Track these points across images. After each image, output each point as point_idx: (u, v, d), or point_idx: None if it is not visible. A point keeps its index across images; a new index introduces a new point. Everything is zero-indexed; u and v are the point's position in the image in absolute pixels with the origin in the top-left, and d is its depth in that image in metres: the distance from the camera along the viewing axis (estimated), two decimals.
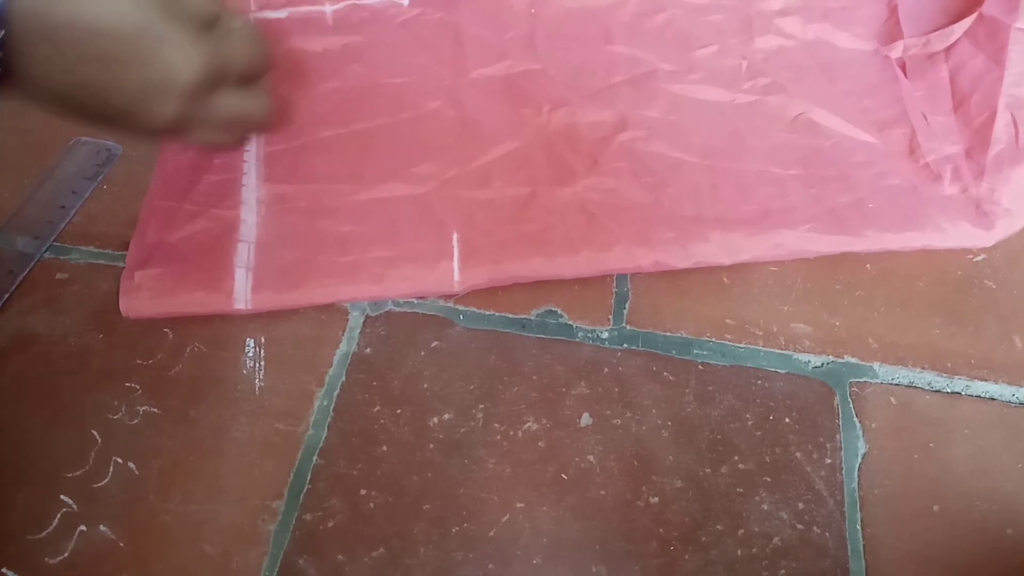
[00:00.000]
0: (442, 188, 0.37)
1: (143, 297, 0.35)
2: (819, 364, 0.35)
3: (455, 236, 0.36)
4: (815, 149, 0.40)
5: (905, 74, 0.42)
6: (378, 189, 0.37)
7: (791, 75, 0.42)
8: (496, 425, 0.33)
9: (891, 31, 0.43)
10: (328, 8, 0.42)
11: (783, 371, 0.34)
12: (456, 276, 0.35)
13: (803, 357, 0.35)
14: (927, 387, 0.34)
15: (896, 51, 0.43)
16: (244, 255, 0.36)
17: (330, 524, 0.30)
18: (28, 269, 0.37)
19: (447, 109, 0.40)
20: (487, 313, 0.36)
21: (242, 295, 0.35)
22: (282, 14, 0.41)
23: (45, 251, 0.37)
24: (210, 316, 0.35)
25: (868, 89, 0.42)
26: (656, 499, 0.31)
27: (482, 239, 0.36)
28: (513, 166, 0.38)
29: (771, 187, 0.38)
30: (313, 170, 0.38)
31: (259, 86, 0.33)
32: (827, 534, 0.30)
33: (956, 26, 0.41)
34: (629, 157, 0.39)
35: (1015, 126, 0.38)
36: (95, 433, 0.32)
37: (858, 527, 0.31)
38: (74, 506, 0.30)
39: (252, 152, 0.38)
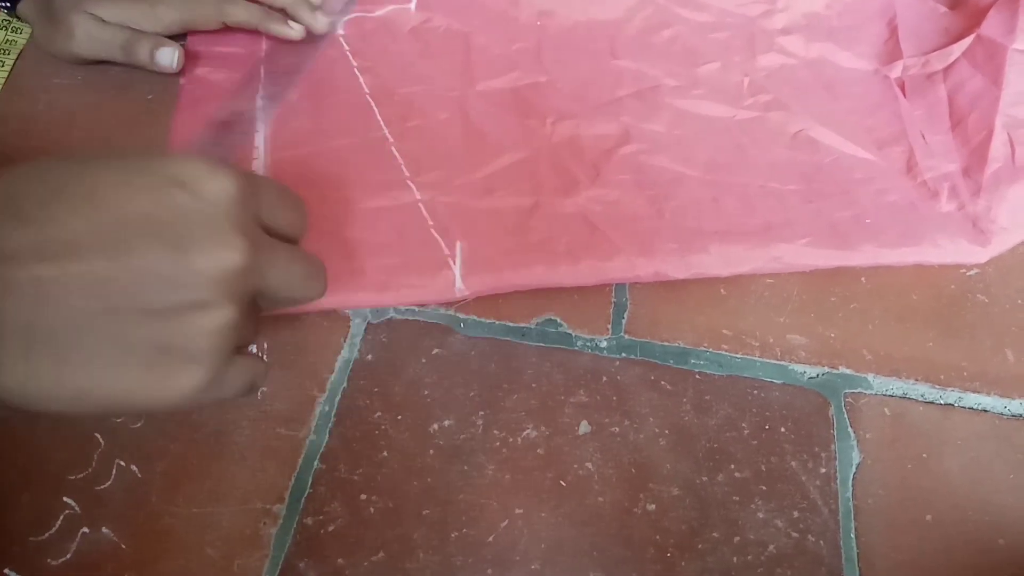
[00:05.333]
0: (447, 196, 0.38)
1: None
2: (814, 375, 0.35)
3: (458, 245, 0.36)
4: (815, 165, 0.40)
5: (904, 93, 0.43)
6: (384, 197, 0.38)
7: (793, 92, 0.43)
8: (496, 432, 0.33)
9: (891, 51, 0.44)
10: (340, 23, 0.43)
11: (779, 381, 0.35)
12: (458, 284, 0.36)
13: (799, 368, 0.35)
14: (921, 399, 0.35)
15: (896, 71, 0.43)
16: None
17: (331, 528, 0.31)
18: None
19: (455, 119, 0.40)
20: (488, 321, 0.36)
21: None
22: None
23: None
24: None
25: (868, 107, 0.43)
26: (653, 506, 0.31)
27: (485, 247, 0.36)
28: (517, 176, 0.39)
29: (772, 201, 0.39)
30: (320, 177, 0.38)
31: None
32: (822, 543, 0.31)
33: (955, 47, 0.42)
34: (632, 169, 0.39)
35: (1012, 145, 0.39)
36: (98, 436, 0.32)
37: (852, 536, 0.31)
38: (77, 508, 0.30)
39: (260, 160, 0.38)
